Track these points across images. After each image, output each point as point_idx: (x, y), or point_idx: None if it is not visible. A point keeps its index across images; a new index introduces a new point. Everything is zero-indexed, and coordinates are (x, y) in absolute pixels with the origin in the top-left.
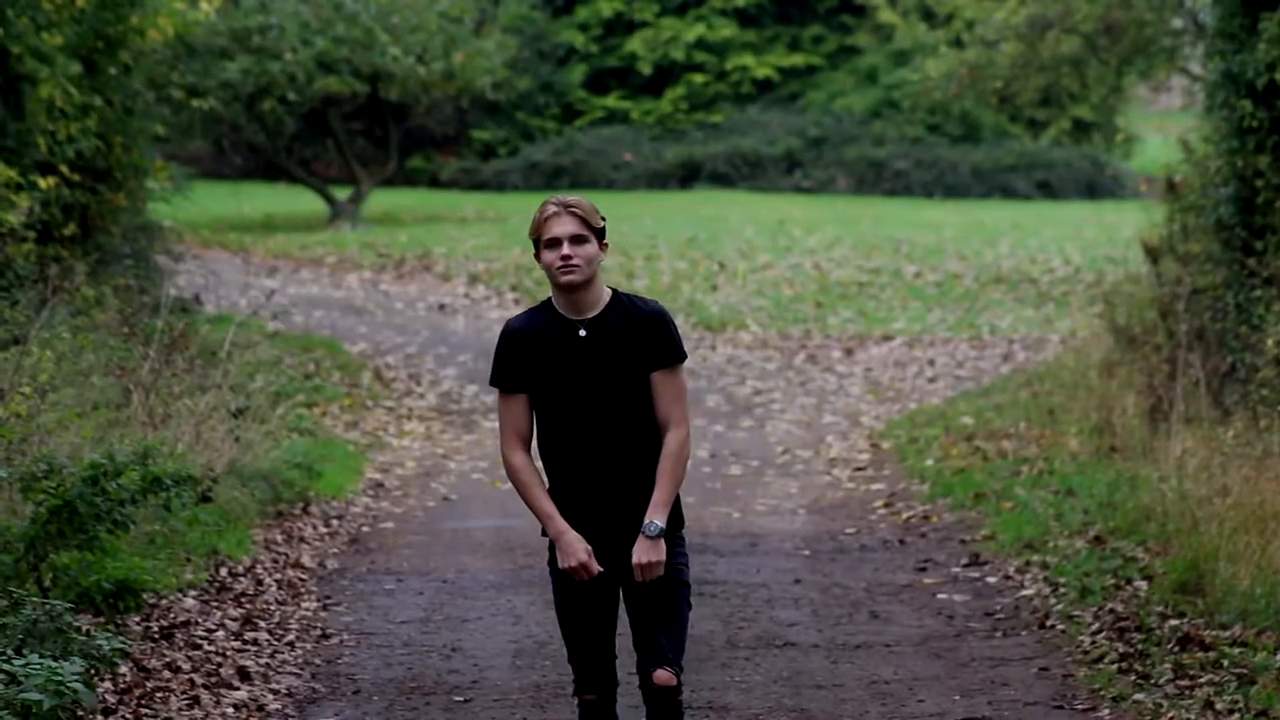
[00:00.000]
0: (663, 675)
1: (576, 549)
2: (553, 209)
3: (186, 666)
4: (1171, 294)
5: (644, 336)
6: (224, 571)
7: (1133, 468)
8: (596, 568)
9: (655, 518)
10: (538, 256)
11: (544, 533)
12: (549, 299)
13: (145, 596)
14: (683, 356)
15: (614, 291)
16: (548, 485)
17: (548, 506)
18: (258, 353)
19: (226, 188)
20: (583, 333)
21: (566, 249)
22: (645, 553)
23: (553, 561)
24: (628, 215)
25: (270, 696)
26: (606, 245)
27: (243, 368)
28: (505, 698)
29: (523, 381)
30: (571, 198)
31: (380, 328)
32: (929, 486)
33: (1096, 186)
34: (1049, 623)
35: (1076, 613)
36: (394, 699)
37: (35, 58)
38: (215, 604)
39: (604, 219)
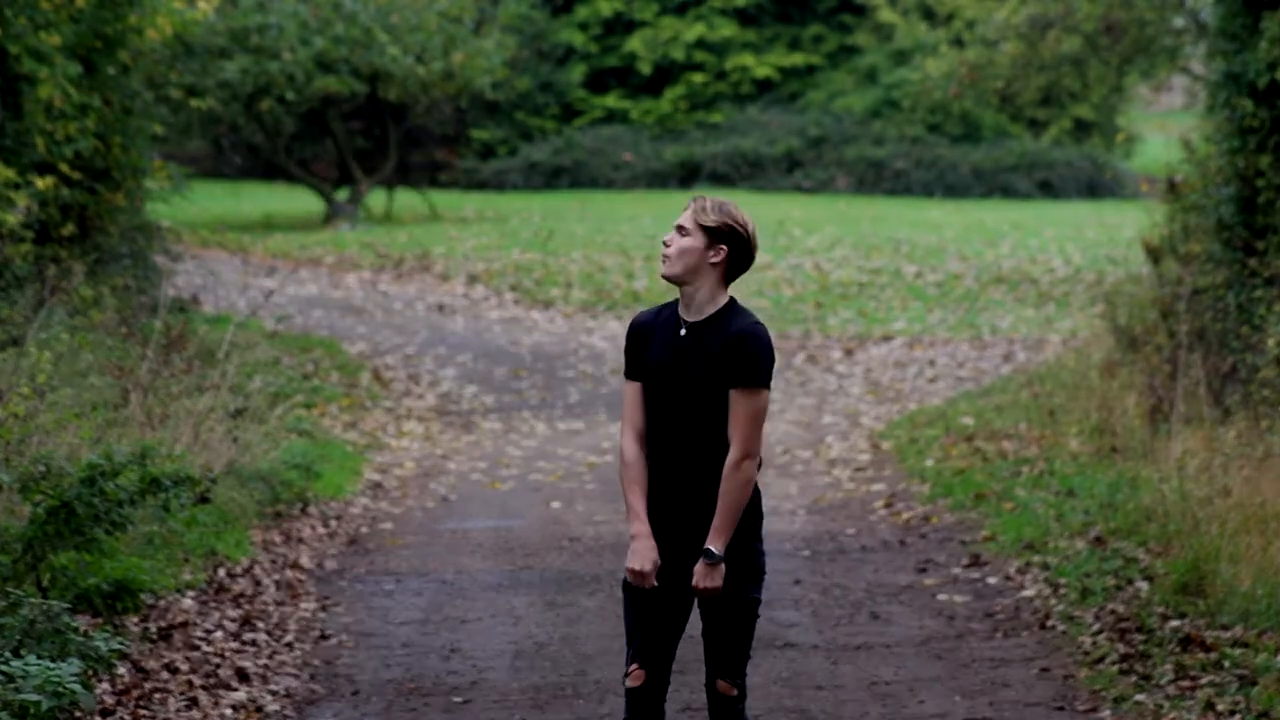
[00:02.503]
0: (723, 685)
1: (645, 557)
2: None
3: (185, 667)
4: (1172, 294)
5: (729, 352)
6: (222, 572)
7: (1133, 468)
8: (653, 582)
9: (713, 544)
10: None
11: None
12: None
13: (143, 597)
14: (760, 382)
15: (731, 301)
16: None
17: (636, 505)
18: (256, 353)
19: (225, 187)
20: (683, 332)
21: (667, 235)
22: (702, 578)
23: None
24: (627, 215)
25: (269, 697)
26: (723, 249)
27: (241, 368)
28: (504, 698)
29: (636, 369)
30: (703, 196)
31: (379, 328)
32: (929, 487)
33: (1097, 186)
34: (1050, 624)
35: (1077, 613)
36: (393, 700)
37: (34, 58)
38: (214, 605)
39: (731, 225)
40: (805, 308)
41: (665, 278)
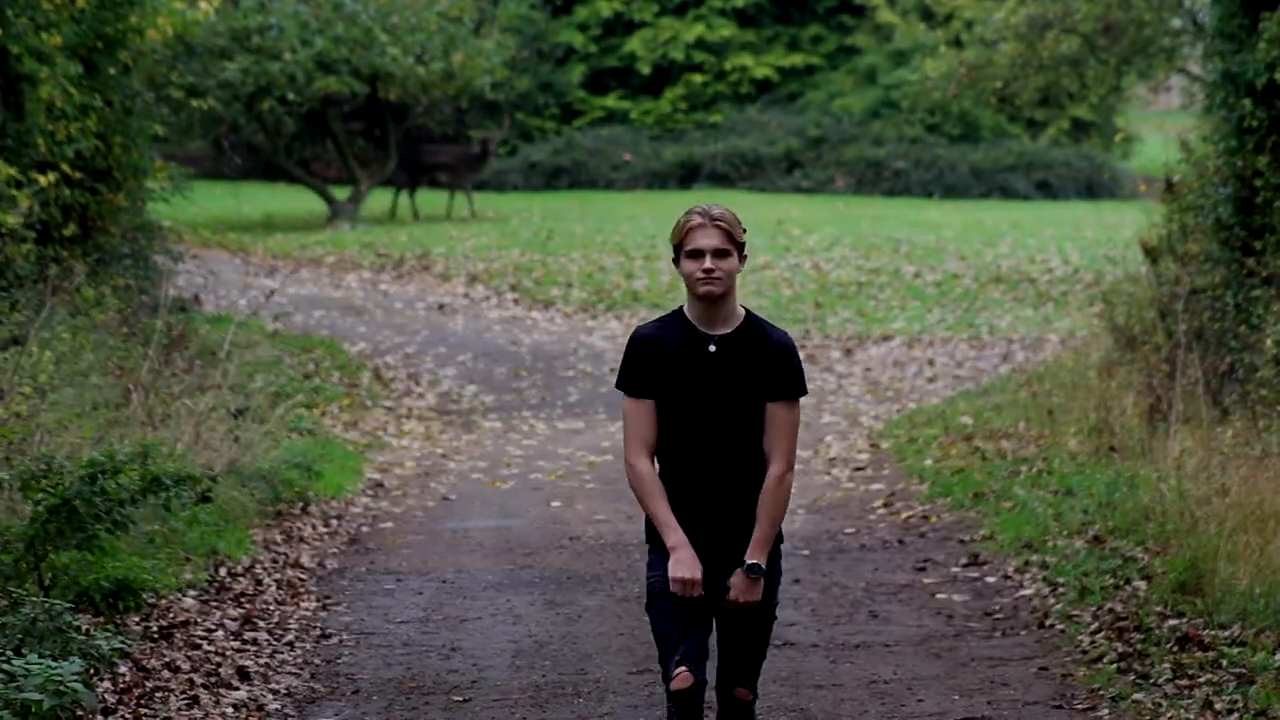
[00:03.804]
0: (741, 692)
1: (693, 566)
2: (697, 220)
3: (186, 666)
4: (1170, 294)
5: (769, 365)
6: (223, 571)
7: (1132, 468)
8: (700, 590)
9: (756, 557)
10: (676, 262)
11: (647, 539)
12: (681, 308)
13: (145, 596)
14: (802, 391)
15: (747, 312)
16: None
17: (668, 516)
18: (257, 353)
19: (226, 188)
20: (713, 348)
21: (709, 262)
22: (743, 591)
23: (654, 565)
24: (627, 215)
25: (269, 696)
26: (745, 258)
27: (242, 368)
28: (505, 697)
29: (649, 387)
30: (716, 209)
31: (379, 328)
32: (928, 486)
33: (1095, 186)
34: (1048, 622)
35: (1075, 612)
36: (393, 699)
37: (35, 58)
38: (215, 604)
39: (744, 230)
40: (804, 307)
41: (712, 298)
